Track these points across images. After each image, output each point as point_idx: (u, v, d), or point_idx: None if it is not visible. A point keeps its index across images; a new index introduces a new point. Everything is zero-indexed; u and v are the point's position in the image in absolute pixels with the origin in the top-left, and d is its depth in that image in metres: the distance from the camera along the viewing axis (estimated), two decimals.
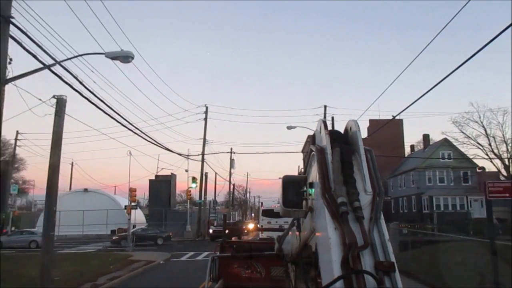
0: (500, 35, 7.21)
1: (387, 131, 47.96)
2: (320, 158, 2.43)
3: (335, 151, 2.39)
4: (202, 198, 40.84)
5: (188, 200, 42.20)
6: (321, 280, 2.36)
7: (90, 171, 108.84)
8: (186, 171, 40.85)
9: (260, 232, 29.54)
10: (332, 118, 31.54)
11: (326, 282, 2.07)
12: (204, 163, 42.12)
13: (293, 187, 2.80)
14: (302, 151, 55.65)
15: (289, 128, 33.86)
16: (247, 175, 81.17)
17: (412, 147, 59.02)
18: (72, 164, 56.87)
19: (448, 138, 45.15)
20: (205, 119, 42.46)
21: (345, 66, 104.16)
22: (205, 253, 22.79)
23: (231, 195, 67.06)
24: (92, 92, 11.00)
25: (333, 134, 2.53)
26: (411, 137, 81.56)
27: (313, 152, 2.58)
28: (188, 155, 39.86)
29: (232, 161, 62.78)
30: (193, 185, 40.04)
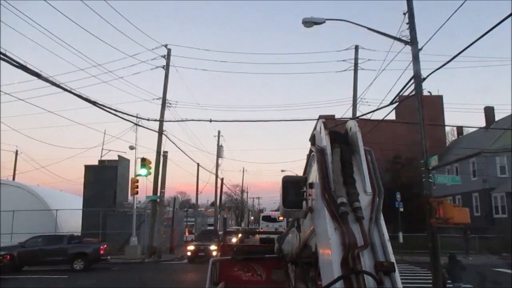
0: None
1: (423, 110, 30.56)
2: (320, 159, 2.45)
3: (335, 151, 2.41)
4: (159, 193, 27.37)
5: (134, 197, 28.56)
6: (321, 281, 2.38)
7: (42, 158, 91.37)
8: (132, 148, 28.86)
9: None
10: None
11: (326, 283, 2.07)
12: (165, 136, 27.86)
13: (293, 188, 2.81)
14: (310, 140, 34.92)
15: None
16: (243, 171, 61.97)
17: (460, 129, 38.93)
18: (16, 153, 45.17)
19: None
20: (166, 67, 28.05)
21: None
22: None
23: (218, 193, 54.22)
24: None
25: (333, 135, 2.53)
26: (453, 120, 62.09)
27: (313, 153, 2.61)
28: (136, 122, 25.12)
29: (220, 148, 49.56)
30: (143, 171, 26.84)
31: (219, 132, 47.77)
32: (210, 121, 25.76)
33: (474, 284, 15.42)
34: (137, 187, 25.34)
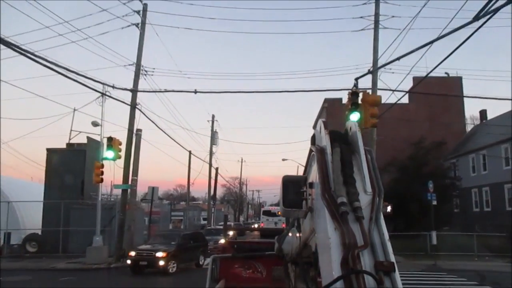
0: None
1: (440, 93, 33.50)
2: (320, 158, 2.46)
3: (335, 151, 2.43)
4: (130, 181, 22.48)
5: (99, 186, 22.97)
6: (321, 280, 2.41)
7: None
8: (95, 125, 23.15)
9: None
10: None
11: (326, 282, 2.09)
12: (139, 111, 22.88)
13: (293, 187, 2.78)
14: (314, 127, 27.52)
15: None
16: (241, 161, 57.40)
17: (483, 113, 31.50)
18: None
19: None
20: (141, 25, 22.67)
21: None
22: None
23: (213, 185, 46.04)
24: None
25: (333, 134, 2.56)
26: (473, 105, 55.77)
27: (313, 152, 2.63)
28: (104, 91, 20.57)
29: (214, 134, 42.93)
30: (109, 153, 21.06)
31: (213, 116, 43.33)
32: (195, 92, 20.75)
33: None
34: (102, 173, 20.22)
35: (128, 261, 19.02)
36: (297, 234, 3.34)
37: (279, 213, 39.65)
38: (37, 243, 25.15)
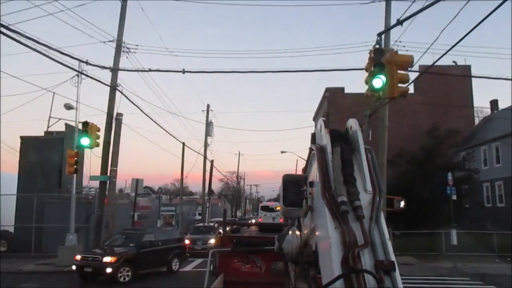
0: None
1: (447, 83, 33.36)
2: (320, 157, 2.48)
3: (336, 150, 2.44)
4: (109, 172, 19.74)
5: (73, 178, 20.46)
6: (321, 280, 2.43)
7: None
8: (69, 107, 20.59)
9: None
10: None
11: (326, 281, 2.11)
12: (119, 93, 19.88)
13: (293, 186, 2.77)
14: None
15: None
16: (239, 154, 55.24)
17: (494, 103, 28.10)
18: None
19: None
20: None
21: None
22: None
23: (208, 178, 42.26)
24: None
25: (334, 133, 2.58)
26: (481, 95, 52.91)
27: (313, 151, 2.66)
28: (80, 69, 17.94)
29: (209, 125, 39.62)
30: (84, 140, 18.35)
31: (208, 106, 41.05)
32: (183, 71, 18.31)
33: None
34: (76, 163, 17.71)
35: (73, 267, 15.73)
36: (297, 233, 3.40)
37: (278, 207, 37.42)
38: (7, 241, 22.76)
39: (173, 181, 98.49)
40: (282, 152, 46.81)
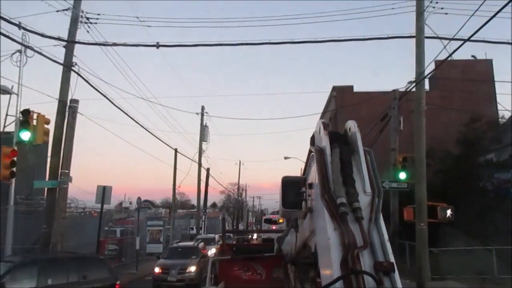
0: None
1: (466, 78, 29.12)
2: (319, 159, 2.47)
3: (335, 151, 2.43)
4: (59, 176, 14.44)
5: (12, 185, 14.70)
6: (320, 281, 2.43)
7: None
8: (6, 93, 15.28)
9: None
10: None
11: (326, 283, 2.09)
12: (76, 74, 15.13)
13: (292, 188, 2.77)
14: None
15: None
16: (240, 163, 50.62)
17: None
18: None
19: None
20: None
21: None
22: None
23: (203, 187, 38.53)
24: None
25: (333, 135, 2.57)
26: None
27: (312, 153, 2.65)
28: (23, 41, 13.30)
29: (204, 128, 36.07)
30: (24, 135, 13.37)
31: (202, 108, 37.07)
32: (157, 46, 13.97)
33: None
34: (13, 164, 12.98)
35: None
36: (295, 235, 3.40)
37: (280, 220, 35.09)
38: None
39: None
40: (285, 158, 42.41)
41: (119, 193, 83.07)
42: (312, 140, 2.78)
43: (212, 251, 20.74)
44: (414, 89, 16.18)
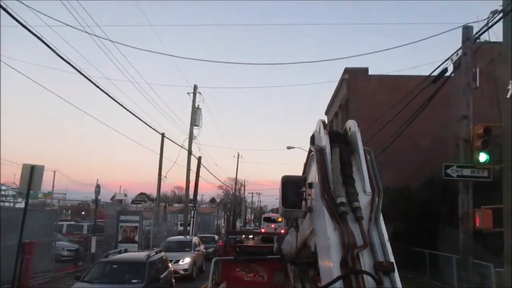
0: None
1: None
2: (319, 158, 2.48)
3: (334, 151, 2.45)
4: None
5: None
6: (320, 280, 2.46)
7: None
8: None
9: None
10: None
11: (325, 282, 2.11)
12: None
13: (292, 188, 2.79)
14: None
15: None
16: (238, 156, 58.13)
17: None
18: None
19: None
20: None
21: None
22: None
23: (193, 178, 34.15)
24: None
25: (332, 134, 2.59)
26: None
27: (312, 153, 2.66)
28: None
29: (195, 111, 31.91)
30: None
31: (195, 87, 32.08)
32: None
33: None
34: None
35: None
36: (295, 234, 3.42)
37: (279, 219, 34.17)
38: None
39: (173, 189, 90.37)
40: (288, 147, 37.51)
41: (123, 187, 79.48)
42: (312, 139, 2.79)
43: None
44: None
